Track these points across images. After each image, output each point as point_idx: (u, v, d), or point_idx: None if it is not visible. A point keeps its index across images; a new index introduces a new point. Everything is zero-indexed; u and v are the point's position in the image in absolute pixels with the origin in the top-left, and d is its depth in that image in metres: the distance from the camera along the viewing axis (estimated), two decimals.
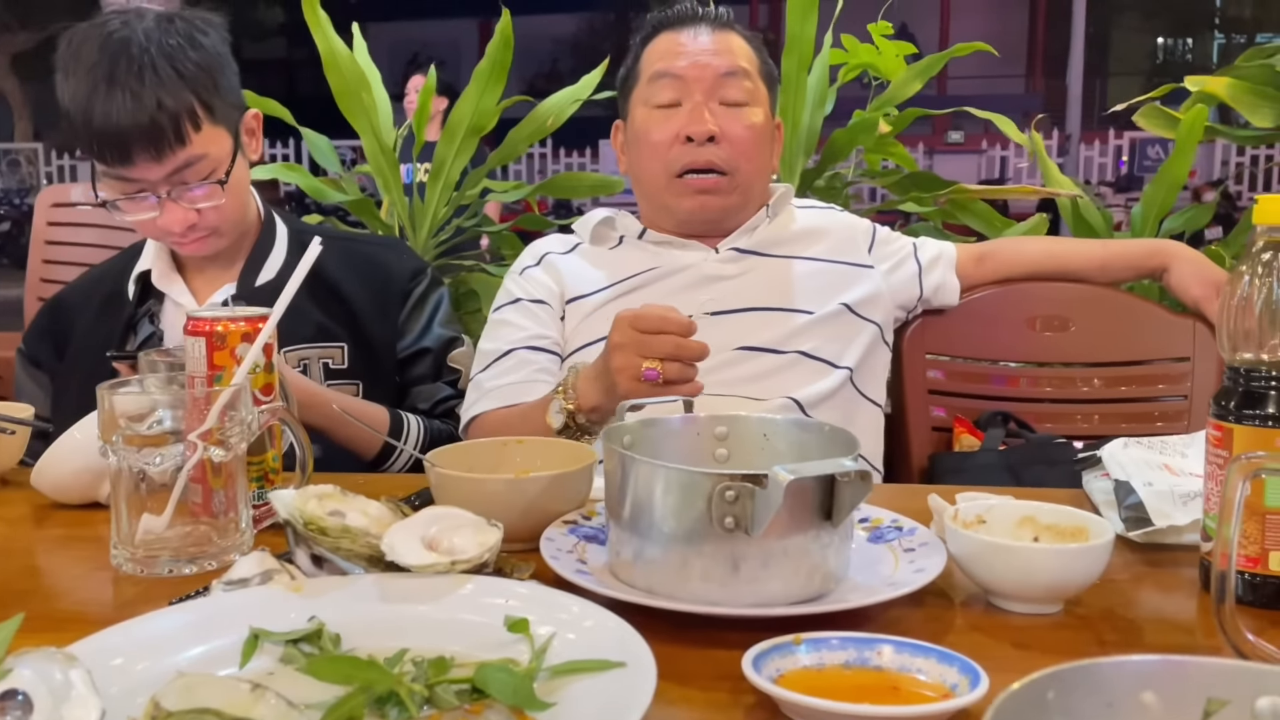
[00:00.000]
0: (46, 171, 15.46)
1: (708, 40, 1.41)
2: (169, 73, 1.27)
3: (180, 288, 1.46)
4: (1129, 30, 21.38)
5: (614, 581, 0.76)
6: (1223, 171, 12.82)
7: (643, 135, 1.42)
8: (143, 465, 0.81)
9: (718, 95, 1.39)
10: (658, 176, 1.42)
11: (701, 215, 1.42)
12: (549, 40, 21.55)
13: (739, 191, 1.42)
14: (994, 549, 0.74)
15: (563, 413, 1.14)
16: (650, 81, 1.42)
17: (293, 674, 0.61)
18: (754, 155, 1.41)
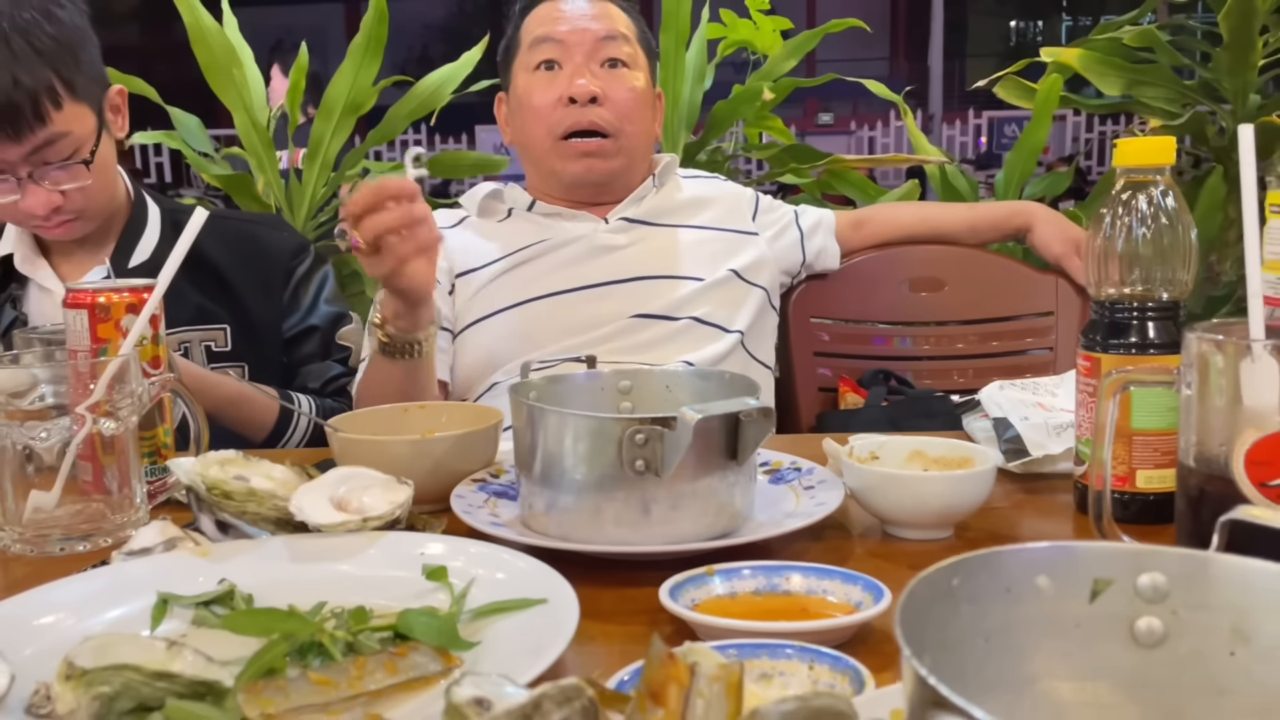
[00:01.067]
0: None
1: (585, 6, 1.43)
2: (24, 48, 1.20)
3: (46, 272, 1.39)
4: (984, 14, 22.26)
5: (528, 531, 0.77)
6: (1073, 148, 13.51)
7: (525, 100, 1.42)
8: (28, 441, 0.78)
9: (598, 57, 1.40)
10: (542, 140, 1.42)
11: (588, 178, 1.43)
12: (420, 25, 21.08)
13: (623, 154, 1.43)
14: (889, 479, 0.78)
15: (373, 332, 1.13)
16: (531, 47, 1.43)
17: (207, 633, 0.60)
18: (636, 117, 1.42)
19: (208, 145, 2.51)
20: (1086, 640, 0.44)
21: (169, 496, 0.89)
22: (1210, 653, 0.42)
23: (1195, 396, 0.60)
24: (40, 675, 0.53)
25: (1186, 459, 0.61)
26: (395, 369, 1.15)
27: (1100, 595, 0.43)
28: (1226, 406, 0.58)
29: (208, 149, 2.52)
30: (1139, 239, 0.77)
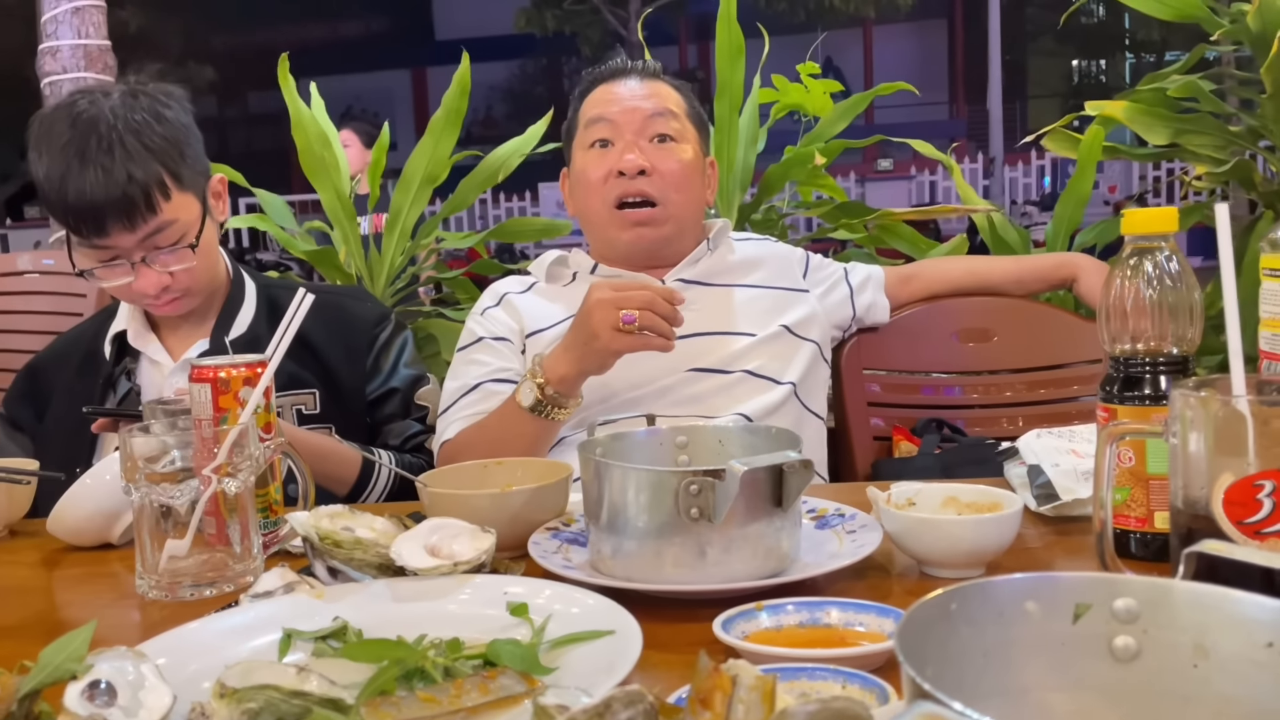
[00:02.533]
0: None
1: (637, 87, 1.55)
2: (137, 147, 1.34)
3: (155, 346, 1.53)
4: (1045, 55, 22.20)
5: (596, 574, 0.86)
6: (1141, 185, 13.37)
7: (582, 175, 1.54)
8: (164, 500, 0.90)
9: (647, 133, 1.52)
10: (598, 211, 1.54)
11: (639, 245, 1.54)
12: (484, 87, 21.78)
13: (672, 221, 1.53)
14: (922, 523, 0.86)
15: (533, 388, 1.26)
16: (586, 127, 1.55)
17: (326, 662, 0.70)
18: (684, 186, 1.53)
19: (292, 222, 2.69)
20: (1071, 656, 0.51)
21: (280, 547, 1.01)
22: (1177, 666, 0.50)
23: (1180, 445, 0.67)
24: (194, 696, 0.64)
25: (1176, 500, 0.69)
26: (531, 426, 1.28)
27: (1081, 618, 0.51)
28: (1206, 454, 0.65)
29: (292, 225, 2.70)
30: (1147, 300, 0.84)
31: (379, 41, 23.80)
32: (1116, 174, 13.51)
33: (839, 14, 16.00)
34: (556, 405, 1.28)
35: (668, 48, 20.90)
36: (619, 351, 1.25)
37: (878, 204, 2.52)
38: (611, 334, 1.21)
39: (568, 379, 1.27)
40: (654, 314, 1.21)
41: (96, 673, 0.60)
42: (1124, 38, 21.69)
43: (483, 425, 1.39)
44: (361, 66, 22.66)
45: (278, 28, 21.26)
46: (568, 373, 1.27)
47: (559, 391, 1.27)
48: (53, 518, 1.07)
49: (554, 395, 1.27)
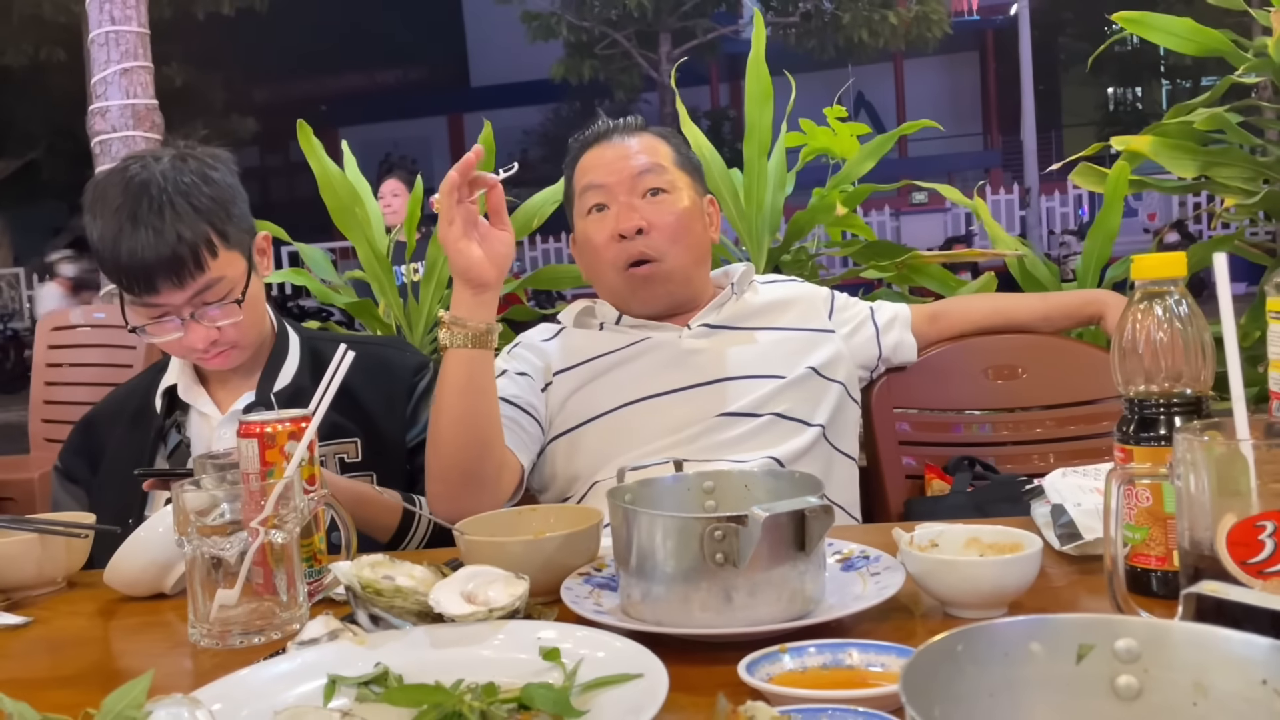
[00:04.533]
0: (29, 295, 15.63)
1: (622, 145, 1.59)
2: (185, 208, 1.41)
3: (204, 399, 1.58)
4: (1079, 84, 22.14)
5: (626, 618, 0.89)
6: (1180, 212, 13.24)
7: (586, 242, 1.59)
8: (214, 551, 0.94)
9: (639, 190, 1.55)
10: (607, 275, 1.57)
11: (650, 304, 1.58)
12: (518, 132, 22.14)
13: (678, 272, 1.56)
14: (943, 565, 0.88)
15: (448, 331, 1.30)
16: (581, 195, 1.59)
17: (369, 706, 0.73)
18: (681, 237, 1.55)
19: (332, 272, 2.77)
20: (1075, 696, 0.53)
21: (324, 595, 1.05)
22: (1177, 704, 0.52)
23: (1184, 487, 0.69)
24: None
25: (1183, 541, 0.70)
26: (461, 375, 1.29)
27: (1084, 658, 0.53)
28: (1209, 495, 0.67)
29: (331, 275, 2.78)
30: (1158, 342, 0.86)
31: (416, 90, 24.30)
32: (1156, 202, 13.40)
33: (869, 49, 16.09)
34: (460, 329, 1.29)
35: (699, 88, 21.12)
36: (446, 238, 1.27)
37: (912, 236, 2.57)
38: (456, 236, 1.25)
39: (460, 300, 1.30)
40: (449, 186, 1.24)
41: (156, 719, 0.64)
42: (1159, 65, 21.58)
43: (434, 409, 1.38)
44: (399, 114, 23.15)
45: (316, 79, 21.80)
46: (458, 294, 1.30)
47: (455, 316, 1.30)
48: (109, 570, 1.12)
49: (451, 320, 1.29)
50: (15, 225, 18.01)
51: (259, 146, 20.99)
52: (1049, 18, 19.30)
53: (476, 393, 1.32)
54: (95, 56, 5.21)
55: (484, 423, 1.34)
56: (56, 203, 19.12)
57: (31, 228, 19.19)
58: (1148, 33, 2.29)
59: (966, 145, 21.09)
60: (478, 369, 1.31)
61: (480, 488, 1.34)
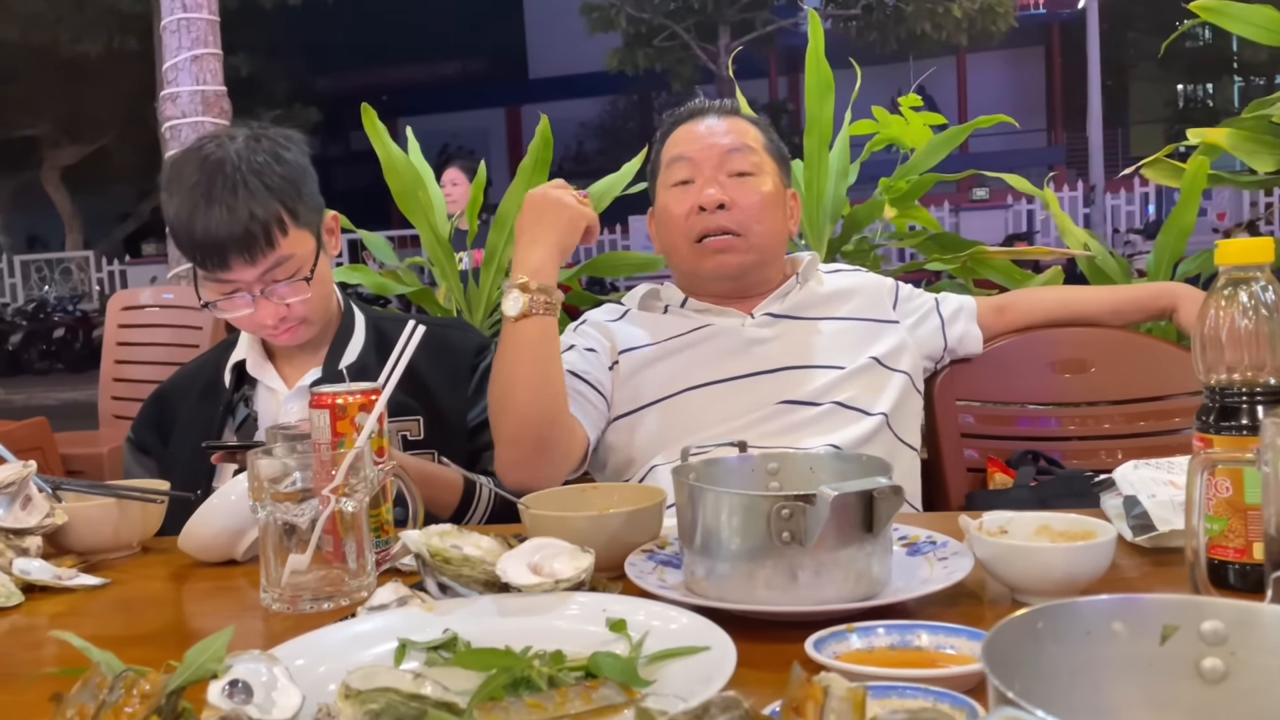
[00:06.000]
0: (98, 278, 16.07)
1: (715, 125, 1.60)
2: (258, 186, 1.44)
3: (271, 374, 1.62)
4: (1147, 80, 21.60)
5: (690, 595, 0.89)
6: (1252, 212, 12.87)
7: (665, 213, 1.59)
8: (289, 517, 0.96)
9: (726, 169, 1.55)
10: (680, 246, 1.58)
11: (721, 273, 1.57)
12: (574, 124, 22.20)
13: (754, 250, 1.56)
14: (1014, 550, 0.87)
15: (516, 293, 1.35)
16: (668, 167, 1.60)
17: (438, 670, 0.74)
18: (764, 218, 1.56)
19: (393, 258, 2.81)
20: (1158, 677, 0.52)
21: (390, 565, 1.06)
22: (1265, 688, 0.51)
23: (1272, 474, 0.67)
24: (320, 698, 0.69)
25: (1269, 529, 0.69)
26: (536, 339, 1.34)
27: (1169, 639, 0.52)
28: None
29: (393, 261, 2.82)
30: (1242, 330, 0.84)
31: (475, 81, 24.48)
32: (1225, 201, 13.04)
33: (931, 43, 15.85)
34: (545, 296, 1.35)
35: (757, 81, 20.97)
36: (588, 216, 1.42)
37: (971, 233, 2.52)
38: (578, 204, 1.38)
39: (545, 263, 1.36)
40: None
41: (235, 673, 0.66)
42: (1231, 61, 20.97)
43: (493, 375, 1.43)
44: (458, 105, 23.34)
45: (378, 70, 22.06)
46: (544, 256, 1.37)
47: (541, 283, 1.35)
48: (184, 535, 1.15)
49: (538, 287, 1.35)
50: (86, 210, 18.52)
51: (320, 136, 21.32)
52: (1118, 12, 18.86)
53: (550, 358, 1.37)
54: (167, 43, 5.33)
55: (557, 389, 1.39)
56: (125, 188, 19.63)
57: (101, 212, 19.72)
58: (1226, 22, 2.22)
59: (1029, 141, 20.69)
60: (550, 334, 1.37)
61: (551, 453, 1.38)
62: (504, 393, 1.37)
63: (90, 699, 0.62)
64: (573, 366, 1.52)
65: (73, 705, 0.62)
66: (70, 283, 16.38)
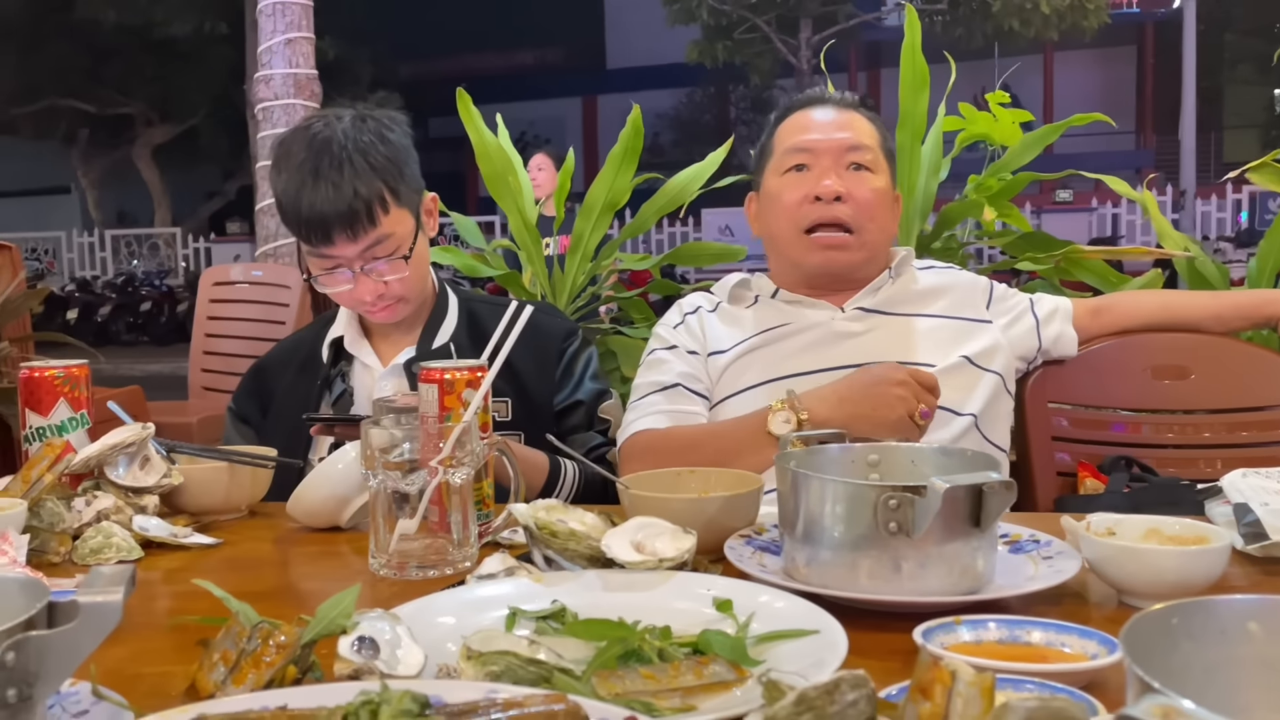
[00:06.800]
0: (184, 254, 16.56)
1: (835, 116, 1.59)
2: (363, 165, 1.48)
3: (368, 351, 1.66)
4: (1243, 83, 20.85)
5: (792, 581, 0.89)
6: None
7: (775, 198, 1.58)
8: (400, 486, 0.99)
9: (843, 162, 1.54)
10: (788, 233, 1.57)
11: (827, 269, 1.56)
12: (650, 115, 22.19)
13: (865, 249, 1.56)
14: (1125, 551, 0.85)
15: (792, 419, 1.32)
16: (784, 153, 1.59)
17: (549, 639, 0.76)
18: (877, 214, 1.55)
19: (482, 241, 2.85)
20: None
21: (491, 538, 1.09)
22: None
23: None
24: (438, 658, 0.72)
25: None
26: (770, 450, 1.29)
27: None
28: None
29: (481, 243, 2.86)
30: None
31: (552, 70, 24.63)
32: None
33: (1019, 39, 15.49)
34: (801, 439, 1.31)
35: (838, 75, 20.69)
36: (902, 434, 1.31)
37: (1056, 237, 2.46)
38: (907, 419, 1.31)
39: (830, 423, 1.29)
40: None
41: (362, 629, 0.68)
42: None
43: (713, 431, 1.45)
44: (534, 94, 23.51)
45: (457, 57, 22.31)
46: (832, 417, 1.31)
47: (813, 429, 1.30)
48: (293, 500, 1.19)
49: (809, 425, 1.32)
50: (174, 187, 19.09)
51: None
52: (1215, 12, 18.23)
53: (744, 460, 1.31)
54: (262, 26, 5.47)
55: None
56: (212, 168, 20.19)
57: (188, 190, 20.31)
58: None
59: (1117, 143, 20.12)
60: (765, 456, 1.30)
61: None
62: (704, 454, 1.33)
63: (232, 645, 0.65)
64: (683, 375, 1.55)
65: (218, 650, 0.66)
66: (157, 258, 16.89)
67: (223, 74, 15.79)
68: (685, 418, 1.52)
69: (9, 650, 0.51)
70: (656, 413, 1.52)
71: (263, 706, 0.55)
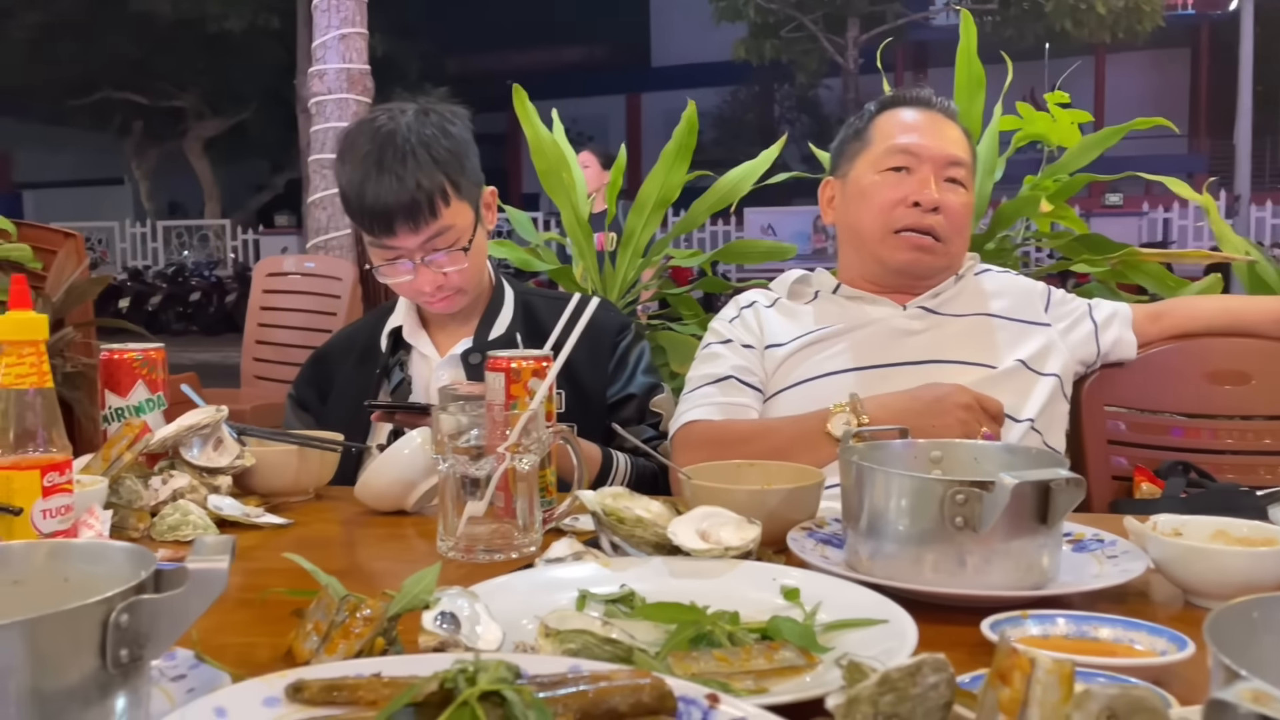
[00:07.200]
0: (232, 246, 16.83)
1: (938, 124, 1.58)
2: (426, 158, 1.51)
3: (425, 341, 1.69)
4: None
5: (854, 574, 0.90)
6: None
7: (869, 194, 1.57)
8: (468, 471, 1.02)
9: (943, 174, 1.54)
10: (876, 231, 1.56)
11: (913, 269, 1.57)
12: None
13: (948, 258, 1.57)
14: (1193, 552, 0.85)
15: (850, 424, 1.33)
16: (886, 151, 1.57)
17: (620, 621, 0.78)
18: (965, 229, 1.58)
19: (535, 235, 2.88)
20: None
21: (554, 525, 1.11)
22: None
23: None
24: (514, 636, 0.74)
25: None
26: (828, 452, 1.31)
27: None
28: None
29: (534, 237, 2.89)
30: None
31: (597, 67, 24.68)
32: None
33: (1071, 40, 15.27)
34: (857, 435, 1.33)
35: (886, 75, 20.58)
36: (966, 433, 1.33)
37: None
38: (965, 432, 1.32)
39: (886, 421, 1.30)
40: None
41: (443, 605, 0.71)
42: None
43: (768, 427, 1.46)
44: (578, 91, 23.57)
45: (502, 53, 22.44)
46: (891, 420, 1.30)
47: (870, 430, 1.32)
48: (361, 484, 1.22)
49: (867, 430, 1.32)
50: (224, 180, 19.41)
51: None
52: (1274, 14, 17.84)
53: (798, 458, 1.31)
54: (317, 21, 5.55)
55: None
56: (260, 161, 20.51)
57: (238, 183, 20.65)
58: None
59: (1169, 146, 19.76)
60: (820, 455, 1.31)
61: None
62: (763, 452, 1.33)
63: (323, 616, 0.68)
64: (736, 367, 1.56)
65: (310, 620, 0.68)
66: (207, 249, 17.19)
67: (273, 68, 16.03)
68: (737, 410, 1.53)
69: (123, 612, 0.54)
70: (709, 404, 1.53)
71: (357, 674, 0.57)
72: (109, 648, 0.53)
